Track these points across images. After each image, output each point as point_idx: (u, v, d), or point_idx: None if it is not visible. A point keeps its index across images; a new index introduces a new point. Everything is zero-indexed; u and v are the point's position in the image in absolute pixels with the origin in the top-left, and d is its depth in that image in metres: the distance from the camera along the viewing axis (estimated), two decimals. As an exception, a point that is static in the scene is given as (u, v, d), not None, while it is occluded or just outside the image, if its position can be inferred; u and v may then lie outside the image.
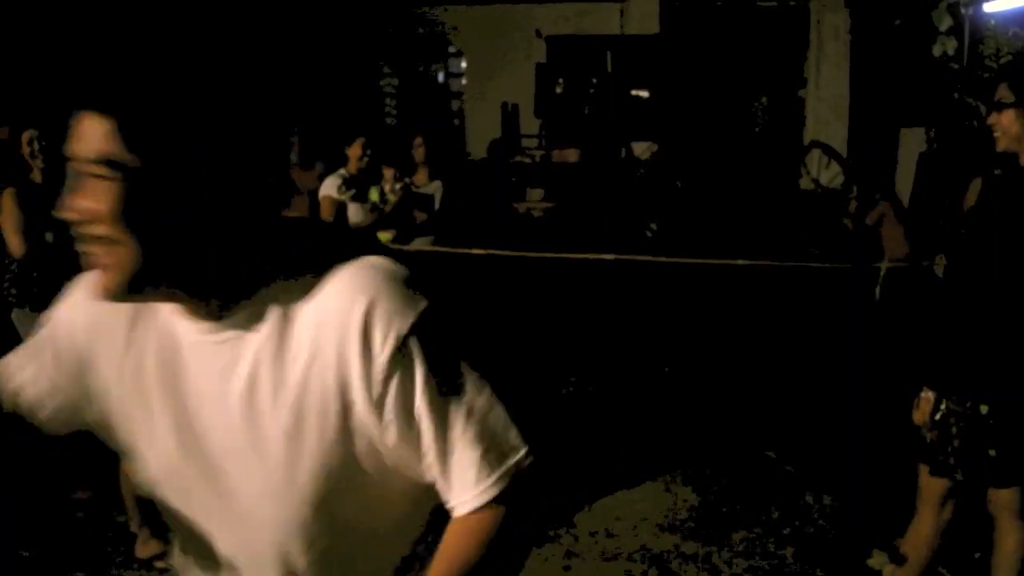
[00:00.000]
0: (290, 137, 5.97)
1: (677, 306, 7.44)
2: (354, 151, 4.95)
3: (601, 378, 5.78)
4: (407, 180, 5.10)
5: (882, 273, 5.85)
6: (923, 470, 2.78)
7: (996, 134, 2.52)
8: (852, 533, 3.65)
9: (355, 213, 4.93)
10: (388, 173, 5.03)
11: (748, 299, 7.33)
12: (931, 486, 2.77)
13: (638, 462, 4.42)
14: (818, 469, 4.27)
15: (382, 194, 4.97)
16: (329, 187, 4.92)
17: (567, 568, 3.43)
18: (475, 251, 4.18)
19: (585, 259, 5.44)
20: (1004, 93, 2.48)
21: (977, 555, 3.21)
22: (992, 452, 2.56)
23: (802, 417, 4.93)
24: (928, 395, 2.67)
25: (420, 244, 5.69)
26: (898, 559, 3.17)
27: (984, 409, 2.54)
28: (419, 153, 5.49)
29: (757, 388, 5.47)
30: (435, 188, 5.50)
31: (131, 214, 0.98)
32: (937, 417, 2.63)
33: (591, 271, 7.62)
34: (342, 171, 4.98)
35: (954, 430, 2.60)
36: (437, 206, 5.45)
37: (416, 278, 1.11)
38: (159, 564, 3.37)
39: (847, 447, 4.48)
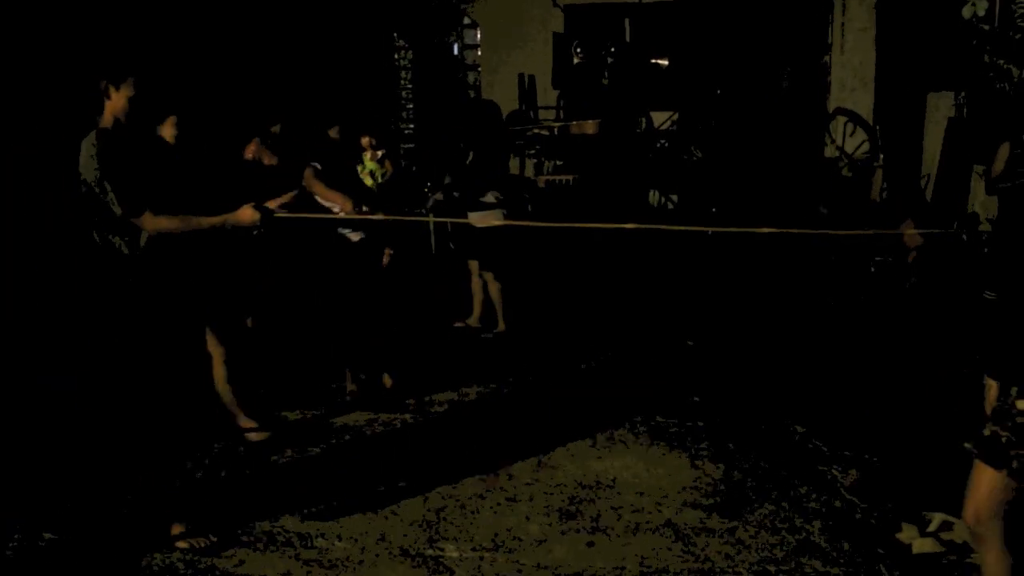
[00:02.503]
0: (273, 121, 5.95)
1: (700, 277, 7.35)
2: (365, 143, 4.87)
3: (625, 350, 5.72)
4: (384, 151, 4.99)
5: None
6: (992, 476, 2.44)
7: None
8: (880, 507, 3.58)
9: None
10: (365, 141, 4.95)
11: (772, 269, 7.23)
12: (1002, 494, 2.43)
13: (662, 437, 4.37)
14: (845, 443, 4.20)
15: (362, 165, 4.87)
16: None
17: (591, 544, 3.39)
18: (541, 224, 4.15)
19: (605, 228, 5.41)
20: None
21: None
22: None
23: (828, 391, 4.85)
24: (991, 383, 2.44)
25: (492, 218, 5.74)
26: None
27: None
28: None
29: (782, 361, 5.40)
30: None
31: None
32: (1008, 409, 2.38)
33: (612, 242, 7.55)
34: (315, 164, 4.90)
35: None
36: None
37: None
38: (180, 544, 3.37)
39: (873, 421, 4.40)
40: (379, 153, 4.88)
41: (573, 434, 4.42)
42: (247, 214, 3.26)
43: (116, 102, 3.16)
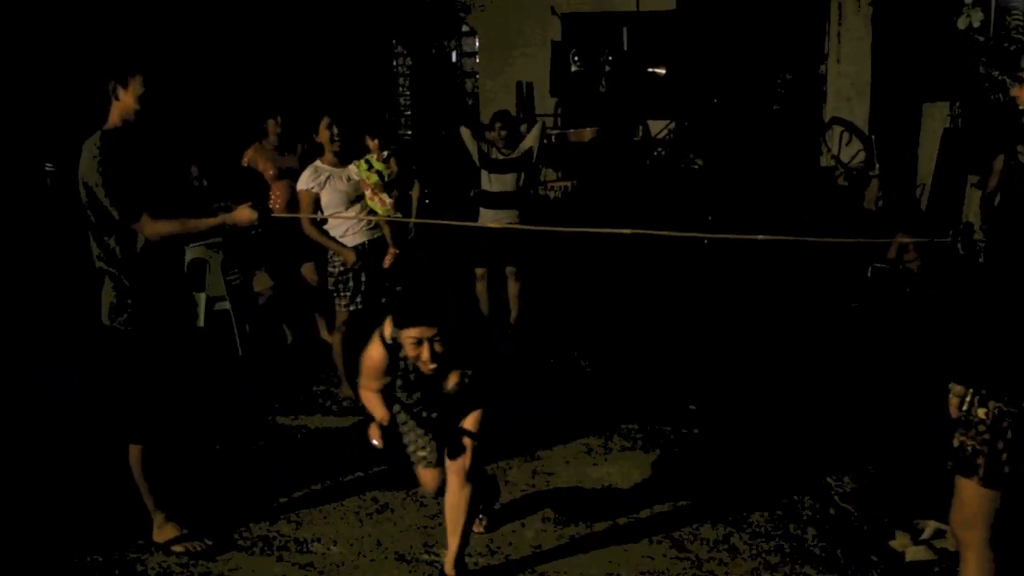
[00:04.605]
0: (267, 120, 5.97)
1: (697, 284, 7.36)
2: (323, 137, 4.89)
3: (621, 357, 5.72)
4: (389, 150, 4.94)
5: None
6: (967, 485, 2.47)
7: (1020, 107, 2.47)
8: (874, 515, 3.59)
9: (330, 194, 4.84)
10: (373, 144, 4.92)
11: (769, 278, 7.24)
12: (979, 501, 2.45)
13: (658, 444, 4.37)
14: (839, 450, 4.21)
15: (369, 166, 4.81)
16: (302, 180, 4.87)
17: (586, 551, 3.39)
18: (550, 229, 4.12)
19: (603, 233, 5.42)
20: None
21: None
22: None
23: (823, 398, 4.86)
24: (958, 390, 2.46)
25: (505, 217, 5.93)
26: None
27: None
28: (499, 136, 6.01)
29: (777, 369, 5.41)
30: (531, 138, 6.07)
31: None
32: (983, 418, 2.39)
33: (609, 248, 7.55)
34: (317, 162, 4.90)
35: (1010, 434, 2.35)
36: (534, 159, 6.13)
37: None
38: (176, 548, 3.37)
39: (867, 429, 4.42)
40: (384, 153, 4.85)
41: (569, 441, 4.42)
42: (245, 214, 3.25)
43: (124, 102, 3.12)
